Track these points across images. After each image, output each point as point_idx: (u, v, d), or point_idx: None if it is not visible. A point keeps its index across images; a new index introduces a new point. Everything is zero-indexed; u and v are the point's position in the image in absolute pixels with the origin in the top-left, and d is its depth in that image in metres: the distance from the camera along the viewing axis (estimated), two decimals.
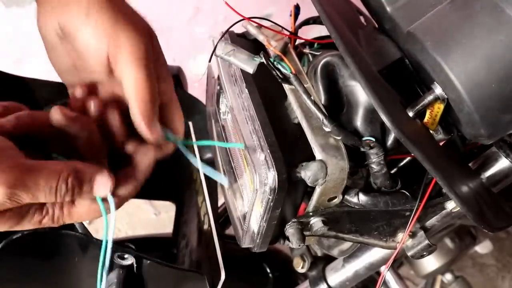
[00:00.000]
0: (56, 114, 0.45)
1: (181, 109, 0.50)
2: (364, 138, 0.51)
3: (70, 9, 0.44)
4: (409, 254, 0.57)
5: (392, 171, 0.54)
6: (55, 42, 0.47)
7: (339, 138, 0.49)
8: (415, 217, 0.51)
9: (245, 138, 0.51)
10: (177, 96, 0.51)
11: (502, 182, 0.54)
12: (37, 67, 0.84)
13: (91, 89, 0.49)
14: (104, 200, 0.44)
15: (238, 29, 0.59)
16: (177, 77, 0.80)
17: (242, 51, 0.52)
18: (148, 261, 0.58)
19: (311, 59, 0.61)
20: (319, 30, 0.60)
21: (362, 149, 0.50)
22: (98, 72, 0.46)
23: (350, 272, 0.67)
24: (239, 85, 0.55)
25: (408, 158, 0.55)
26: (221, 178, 0.54)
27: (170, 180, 0.88)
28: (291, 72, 0.51)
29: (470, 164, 0.55)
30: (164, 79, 0.48)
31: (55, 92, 0.72)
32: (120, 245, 0.57)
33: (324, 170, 0.48)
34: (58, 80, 0.56)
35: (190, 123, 0.79)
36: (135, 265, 0.57)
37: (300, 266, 0.73)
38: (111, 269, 0.58)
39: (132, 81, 0.44)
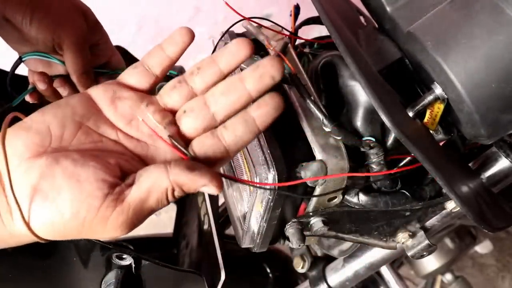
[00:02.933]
0: None
1: (118, 54, 0.67)
2: (364, 138, 0.51)
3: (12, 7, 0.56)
4: (409, 254, 0.57)
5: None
6: (2, 23, 0.57)
7: (339, 138, 0.49)
8: None
9: None
10: None
11: (502, 182, 0.54)
12: None
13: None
14: None
15: (238, 29, 0.59)
16: None
17: None
18: (147, 262, 0.58)
19: (311, 59, 0.61)
20: (319, 30, 0.60)
21: (362, 149, 0.50)
22: (47, 51, 0.61)
23: (350, 272, 0.67)
24: None
25: (408, 158, 0.55)
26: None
27: None
28: (291, 72, 0.51)
29: (470, 164, 0.55)
30: (104, 40, 0.65)
31: None
32: (119, 246, 0.57)
33: (324, 170, 0.48)
34: None
35: None
36: (133, 266, 0.57)
37: (300, 266, 0.73)
38: (109, 269, 0.58)
39: (71, 62, 0.60)
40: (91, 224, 0.37)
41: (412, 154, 0.51)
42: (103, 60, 0.65)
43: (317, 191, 0.50)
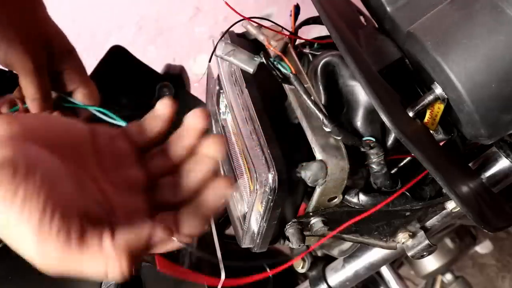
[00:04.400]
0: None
1: (91, 85, 0.61)
2: (364, 138, 0.51)
3: None
4: (409, 254, 0.57)
5: (392, 171, 0.54)
6: None
7: (339, 138, 0.49)
8: None
9: (245, 138, 0.51)
10: (179, 96, 0.55)
11: (502, 182, 0.54)
12: None
13: None
14: None
15: (238, 29, 0.59)
16: (180, 77, 0.80)
17: (242, 51, 0.52)
18: (147, 262, 0.58)
19: (311, 59, 0.61)
20: (319, 30, 0.60)
21: (362, 149, 0.50)
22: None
23: (350, 272, 0.67)
24: (239, 85, 0.55)
25: (408, 158, 0.55)
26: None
27: None
28: (291, 72, 0.51)
29: (470, 164, 0.55)
30: (72, 70, 0.60)
31: None
32: None
33: (324, 170, 0.48)
34: None
35: None
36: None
37: (300, 266, 0.73)
38: None
39: (24, 87, 0.57)
40: None
41: (412, 154, 0.51)
42: (70, 89, 0.61)
43: (317, 191, 0.50)
